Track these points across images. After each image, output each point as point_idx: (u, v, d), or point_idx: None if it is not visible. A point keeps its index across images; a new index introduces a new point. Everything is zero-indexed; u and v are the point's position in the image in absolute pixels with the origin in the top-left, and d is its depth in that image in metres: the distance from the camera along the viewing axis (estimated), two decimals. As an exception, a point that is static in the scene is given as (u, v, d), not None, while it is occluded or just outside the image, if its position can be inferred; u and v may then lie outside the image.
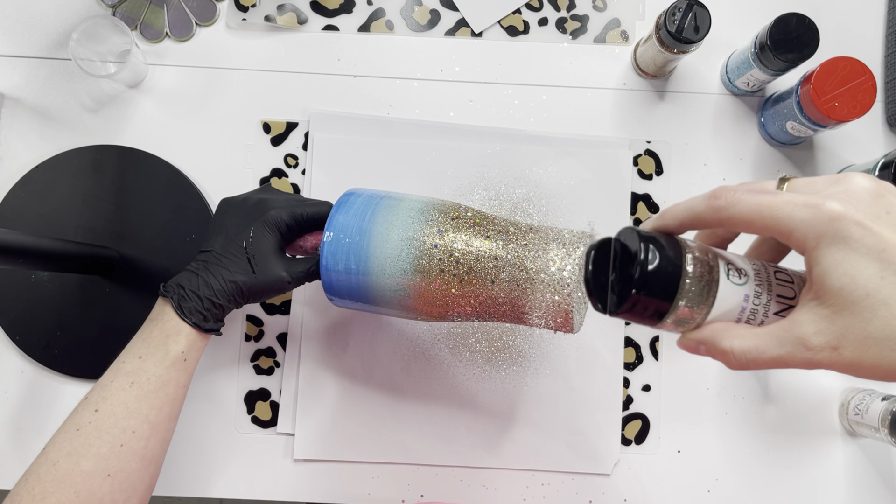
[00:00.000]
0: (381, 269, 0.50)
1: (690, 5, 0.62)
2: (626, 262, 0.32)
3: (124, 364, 0.50)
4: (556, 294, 0.46)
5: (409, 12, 0.73)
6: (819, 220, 0.28)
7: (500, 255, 0.48)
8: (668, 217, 0.34)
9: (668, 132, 0.72)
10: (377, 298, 0.51)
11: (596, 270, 0.35)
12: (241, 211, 0.54)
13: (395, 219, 0.50)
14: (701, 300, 0.32)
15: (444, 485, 0.67)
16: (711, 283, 0.32)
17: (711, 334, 0.32)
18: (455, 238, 0.49)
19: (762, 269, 0.33)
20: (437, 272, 0.48)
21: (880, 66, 0.72)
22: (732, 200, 0.31)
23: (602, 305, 0.34)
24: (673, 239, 0.33)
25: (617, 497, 0.68)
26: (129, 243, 0.68)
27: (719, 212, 0.31)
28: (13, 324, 0.68)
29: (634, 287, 0.31)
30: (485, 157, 0.70)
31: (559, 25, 0.73)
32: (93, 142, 0.70)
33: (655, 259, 0.31)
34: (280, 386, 0.68)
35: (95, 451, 0.46)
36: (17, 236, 0.56)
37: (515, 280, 0.47)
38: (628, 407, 0.68)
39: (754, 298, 0.32)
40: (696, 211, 0.33)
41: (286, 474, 0.67)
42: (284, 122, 0.71)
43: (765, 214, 0.30)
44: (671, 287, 0.31)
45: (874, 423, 0.63)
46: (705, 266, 0.32)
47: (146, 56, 0.71)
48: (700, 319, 0.32)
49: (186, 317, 0.50)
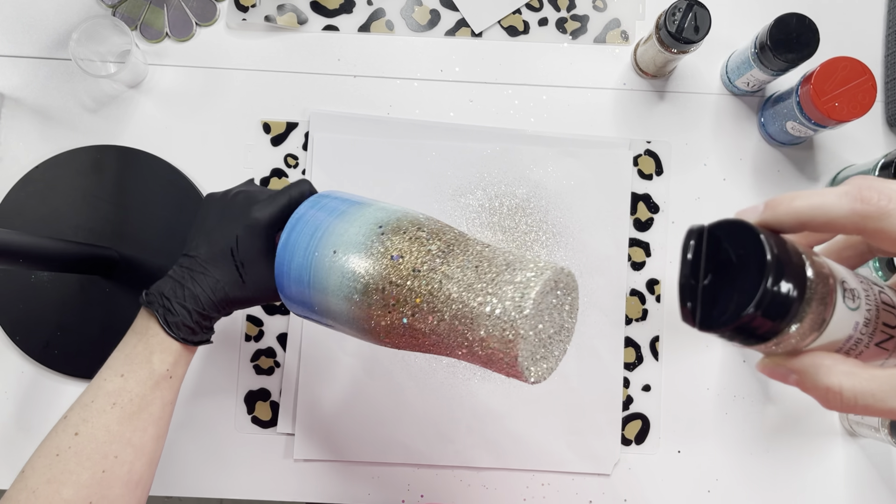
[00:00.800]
0: (323, 288, 0.43)
1: (690, 5, 0.62)
2: (729, 266, 0.26)
3: (105, 382, 0.46)
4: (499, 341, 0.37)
5: (409, 12, 0.73)
6: None
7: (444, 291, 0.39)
8: (782, 212, 0.27)
9: (668, 132, 0.72)
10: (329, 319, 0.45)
11: (692, 269, 0.27)
12: (225, 211, 0.49)
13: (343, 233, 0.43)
14: (815, 325, 0.26)
15: (444, 485, 0.67)
16: (829, 305, 0.26)
17: (813, 366, 0.27)
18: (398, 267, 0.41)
19: (870, 291, 0.28)
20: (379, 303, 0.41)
21: (880, 66, 0.72)
22: (890, 211, 0.25)
23: (693, 313, 0.27)
24: (786, 243, 0.26)
25: (617, 497, 0.68)
26: (129, 243, 0.68)
27: (867, 221, 0.25)
28: (13, 324, 0.68)
29: (753, 305, 0.25)
30: (485, 157, 0.70)
31: (559, 25, 0.73)
32: (93, 142, 0.70)
33: (780, 271, 0.25)
34: (280, 386, 0.68)
35: (76, 478, 0.43)
36: (17, 236, 0.56)
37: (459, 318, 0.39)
38: (628, 407, 0.68)
39: (863, 326, 0.27)
40: (830, 213, 0.26)
41: (286, 474, 0.67)
42: (284, 122, 0.71)
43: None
44: (790, 308, 0.25)
45: (874, 423, 0.63)
46: (826, 286, 0.26)
47: (146, 56, 0.72)
48: (804, 345, 0.27)
49: (174, 332, 0.47)
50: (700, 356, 0.69)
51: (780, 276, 0.25)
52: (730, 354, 0.69)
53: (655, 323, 0.69)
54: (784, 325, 0.26)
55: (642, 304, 0.69)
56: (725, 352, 0.69)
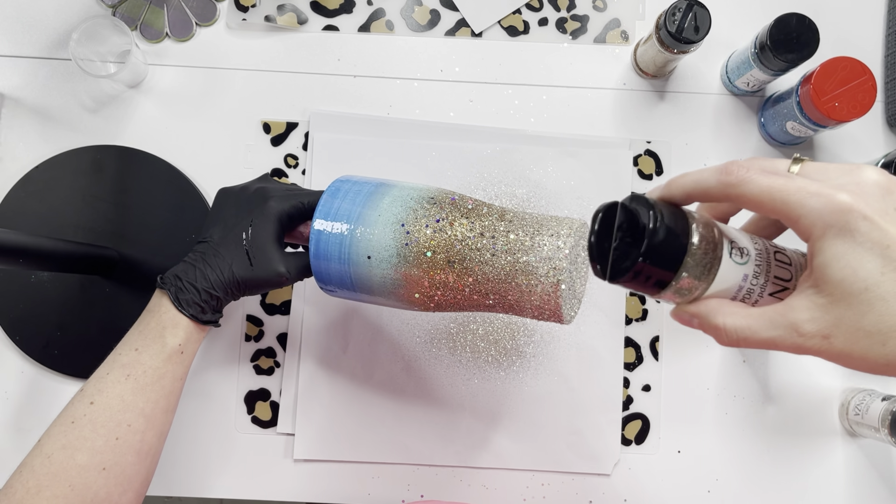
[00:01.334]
0: (369, 257, 0.48)
1: (690, 5, 0.62)
2: (631, 229, 0.32)
3: (120, 356, 0.49)
4: (545, 284, 0.45)
5: (409, 12, 0.73)
6: (828, 211, 0.28)
7: (490, 245, 0.46)
8: (674, 187, 0.34)
9: (668, 132, 0.72)
10: (368, 287, 0.50)
11: (600, 235, 0.34)
12: (240, 201, 0.53)
13: (384, 207, 0.49)
14: (702, 275, 0.32)
15: (444, 485, 0.67)
16: (714, 259, 0.32)
17: (706, 309, 0.32)
18: (446, 227, 0.47)
19: (763, 250, 0.33)
20: (427, 261, 0.47)
21: (880, 66, 0.72)
22: (744, 178, 0.31)
23: (603, 271, 0.34)
24: (680, 210, 0.33)
25: (617, 497, 0.68)
26: (129, 243, 0.68)
27: (729, 188, 0.31)
28: (13, 324, 0.68)
29: (641, 256, 0.31)
30: (485, 157, 0.70)
31: (559, 25, 0.73)
32: (93, 142, 0.70)
33: (663, 229, 0.31)
34: (280, 386, 0.68)
35: (90, 444, 0.46)
36: (17, 236, 0.56)
37: (505, 269, 0.46)
38: (628, 407, 0.68)
39: (752, 278, 0.32)
40: (705, 184, 0.32)
41: (286, 474, 0.67)
42: (284, 122, 0.71)
43: (775, 198, 0.30)
44: (676, 259, 0.31)
45: (874, 423, 0.63)
46: (710, 242, 0.32)
47: (146, 56, 0.72)
48: (698, 293, 0.33)
49: (184, 309, 0.50)
50: (700, 356, 0.69)
51: (664, 233, 0.31)
52: (730, 354, 0.69)
53: (655, 323, 0.69)
54: (672, 273, 0.31)
55: (642, 304, 0.69)
56: (725, 352, 0.69)
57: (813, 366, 0.69)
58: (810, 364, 0.69)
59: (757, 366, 0.69)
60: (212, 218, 0.53)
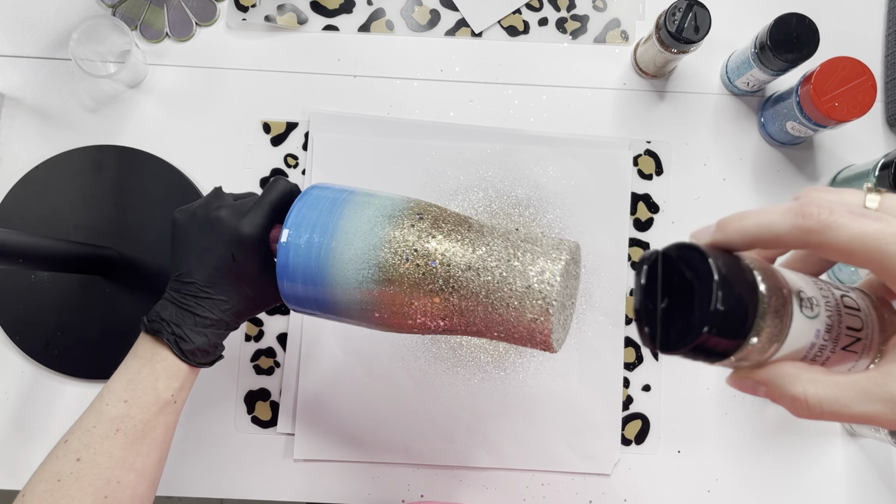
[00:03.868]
0: (344, 275, 0.43)
1: (690, 5, 0.62)
2: (684, 288, 0.27)
3: (108, 408, 0.46)
4: (534, 313, 0.40)
5: (409, 12, 0.73)
6: None
7: (476, 267, 0.42)
8: (732, 231, 0.28)
9: (668, 132, 0.72)
10: (338, 310, 0.45)
11: (648, 293, 0.28)
12: (210, 231, 0.47)
13: (360, 222, 0.44)
14: (773, 337, 0.27)
15: (444, 485, 0.67)
16: (784, 317, 0.27)
17: (778, 376, 0.27)
18: (427, 246, 0.43)
19: (830, 297, 0.29)
20: (406, 285, 0.42)
21: (880, 66, 0.72)
22: (829, 224, 0.26)
23: (653, 339, 0.28)
24: (739, 260, 0.27)
25: (617, 497, 0.68)
26: (129, 243, 0.68)
27: (809, 234, 0.26)
28: (13, 324, 0.68)
29: (706, 327, 0.25)
30: (485, 157, 0.70)
31: (559, 25, 0.73)
32: (93, 142, 0.70)
33: (729, 292, 0.25)
34: (280, 386, 0.68)
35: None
36: (17, 236, 0.56)
37: (492, 294, 0.41)
38: (628, 407, 0.68)
39: (825, 333, 0.28)
40: (774, 230, 0.27)
41: (286, 474, 0.67)
42: (284, 122, 0.71)
43: (871, 247, 0.25)
44: (744, 324, 0.26)
45: (874, 423, 0.63)
46: (779, 298, 0.27)
47: (146, 56, 0.72)
48: (766, 357, 0.28)
49: (189, 359, 0.47)
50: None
51: (729, 294, 0.25)
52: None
53: (655, 323, 0.69)
54: (740, 341, 0.26)
55: (642, 304, 0.69)
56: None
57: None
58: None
59: (757, 366, 0.69)
60: (181, 249, 0.48)
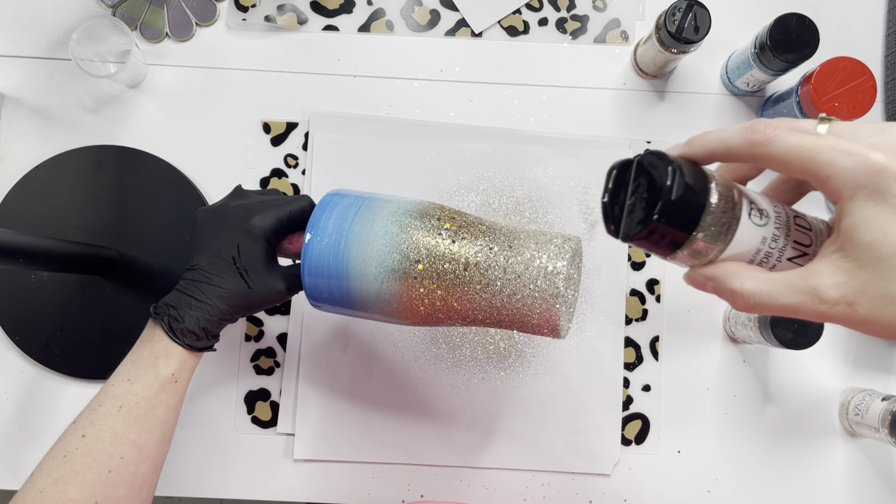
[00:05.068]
0: (362, 273, 0.47)
1: (690, 5, 0.62)
2: (647, 186, 0.31)
3: (113, 387, 0.48)
4: (542, 301, 0.44)
5: (409, 12, 0.73)
6: (861, 171, 0.27)
7: (486, 261, 0.45)
8: (696, 145, 0.32)
9: (668, 132, 0.72)
10: (360, 303, 0.49)
11: (614, 193, 0.33)
12: (222, 222, 0.51)
13: (378, 221, 0.48)
14: (719, 236, 0.31)
15: (444, 485, 0.67)
16: (733, 220, 0.31)
17: (723, 272, 0.31)
18: (441, 243, 0.46)
19: (782, 213, 0.32)
20: (422, 277, 0.46)
21: (880, 66, 0.72)
22: (772, 136, 0.29)
23: (616, 230, 0.32)
24: (699, 169, 0.31)
25: (617, 497, 0.68)
26: (129, 243, 0.68)
27: (756, 146, 0.30)
28: (13, 324, 0.68)
29: (656, 214, 0.30)
30: (485, 157, 0.70)
31: (559, 25, 0.73)
32: (93, 142, 0.70)
33: (681, 187, 0.30)
34: (280, 386, 0.68)
35: (82, 478, 0.45)
36: (17, 236, 0.56)
37: (501, 286, 0.45)
38: (628, 407, 0.68)
39: (771, 241, 0.31)
40: (729, 143, 0.31)
41: (286, 474, 0.67)
42: (284, 122, 0.71)
43: (804, 157, 0.28)
44: (693, 219, 0.30)
45: (874, 423, 0.63)
46: (729, 202, 0.31)
47: (146, 56, 0.72)
48: (714, 255, 0.31)
49: (178, 338, 0.49)
50: (700, 356, 0.69)
51: (681, 191, 0.30)
52: (729, 354, 0.69)
53: (655, 323, 0.69)
54: (687, 233, 0.30)
55: (642, 304, 0.69)
56: (725, 352, 0.69)
57: (813, 366, 0.69)
58: (810, 364, 0.69)
59: (757, 366, 0.69)
60: (195, 243, 0.52)
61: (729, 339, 0.69)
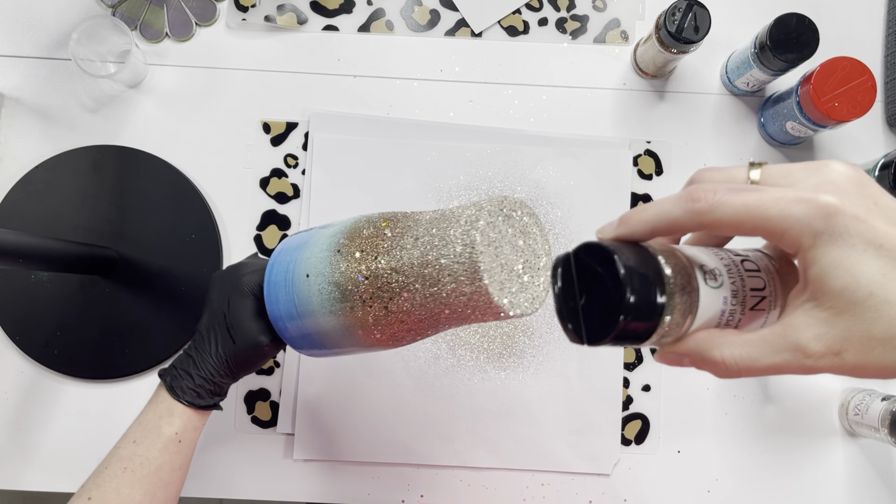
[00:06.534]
0: (309, 310, 0.46)
1: (690, 5, 0.62)
2: (597, 284, 0.29)
3: (119, 449, 0.49)
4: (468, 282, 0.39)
5: (409, 12, 0.73)
6: (815, 217, 0.26)
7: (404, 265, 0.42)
8: (634, 223, 0.30)
9: (668, 132, 0.72)
10: (327, 341, 0.48)
11: (565, 293, 0.30)
12: (222, 283, 0.52)
13: (310, 257, 0.46)
14: (685, 313, 0.29)
15: (444, 485, 0.67)
16: (692, 291, 0.29)
17: (697, 346, 0.30)
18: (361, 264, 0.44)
19: (730, 263, 0.31)
20: (359, 300, 0.44)
21: (880, 66, 0.72)
22: (715, 203, 0.28)
23: (579, 334, 0.30)
24: (643, 249, 0.30)
25: (617, 497, 0.68)
26: (129, 243, 0.68)
27: (701, 216, 0.28)
28: (13, 324, 0.68)
29: (621, 314, 0.27)
30: (485, 157, 0.70)
31: (559, 25, 0.73)
32: (93, 142, 0.70)
33: (635, 278, 0.28)
34: (280, 386, 0.68)
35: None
36: (17, 236, 0.56)
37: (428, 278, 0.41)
38: (628, 407, 0.68)
39: (732, 299, 0.30)
40: (670, 216, 0.29)
41: (286, 474, 0.67)
42: (284, 122, 0.71)
43: (754, 215, 0.27)
44: (655, 306, 0.28)
45: (874, 423, 0.63)
46: (684, 276, 0.29)
47: (146, 56, 0.72)
48: (683, 331, 0.30)
49: (179, 396, 0.50)
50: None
51: (637, 283, 0.28)
52: (730, 354, 0.69)
53: (655, 323, 0.69)
54: (655, 322, 0.28)
55: (642, 304, 0.69)
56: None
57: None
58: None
59: (757, 366, 0.69)
60: (204, 304, 0.53)
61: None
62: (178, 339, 0.67)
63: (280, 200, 0.70)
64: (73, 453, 0.67)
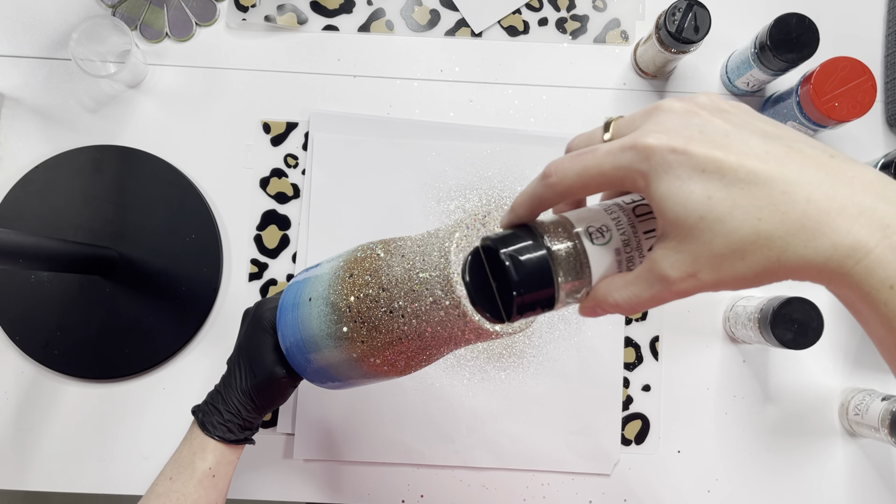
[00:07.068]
0: (311, 335, 0.47)
1: (690, 5, 0.62)
2: (497, 268, 0.32)
3: (157, 486, 0.51)
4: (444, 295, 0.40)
5: (409, 12, 0.73)
6: (639, 160, 0.28)
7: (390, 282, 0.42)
8: (517, 208, 0.33)
9: (668, 132, 0.71)
10: (336, 373, 0.48)
11: (477, 284, 0.33)
12: (248, 317, 0.54)
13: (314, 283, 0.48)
14: (579, 273, 0.32)
15: (444, 485, 0.67)
16: (580, 253, 0.31)
17: (598, 295, 0.32)
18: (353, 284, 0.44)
19: (621, 215, 0.32)
20: (350, 322, 0.44)
21: (880, 66, 0.72)
22: (561, 174, 0.30)
23: (494, 315, 0.33)
24: (525, 226, 0.32)
25: (617, 497, 0.68)
26: (129, 243, 0.68)
27: (555, 189, 0.31)
28: (13, 324, 0.68)
29: (514, 290, 0.30)
30: (485, 157, 0.70)
31: (559, 25, 0.73)
32: (93, 142, 0.70)
33: (517, 255, 0.31)
34: (280, 386, 0.68)
35: None
36: (17, 236, 0.56)
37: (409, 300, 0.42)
38: (628, 407, 0.68)
39: (625, 248, 0.32)
40: (537, 195, 0.32)
41: (286, 474, 0.67)
42: (284, 122, 0.71)
43: (592, 175, 0.29)
44: (546, 274, 0.31)
45: (874, 423, 0.63)
46: (566, 241, 0.31)
47: (146, 56, 0.72)
48: (589, 286, 0.32)
49: (210, 432, 0.51)
50: (700, 356, 0.69)
51: (521, 262, 0.31)
52: (729, 354, 0.69)
53: (655, 323, 0.69)
54: (552, 288, 0.31)
55: (642, 304, 0.69)
56: (725, 352, 0.69)
57: (813, 366, 0.69)
58: (810, 364, 0.69)
59: (757, 366, 0.69)
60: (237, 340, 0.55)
61: (729, 339, 0.69)
62: (177, 339, 0.67)
63: (280, 200, 0.70)
64: (73, 453, 0.67)
